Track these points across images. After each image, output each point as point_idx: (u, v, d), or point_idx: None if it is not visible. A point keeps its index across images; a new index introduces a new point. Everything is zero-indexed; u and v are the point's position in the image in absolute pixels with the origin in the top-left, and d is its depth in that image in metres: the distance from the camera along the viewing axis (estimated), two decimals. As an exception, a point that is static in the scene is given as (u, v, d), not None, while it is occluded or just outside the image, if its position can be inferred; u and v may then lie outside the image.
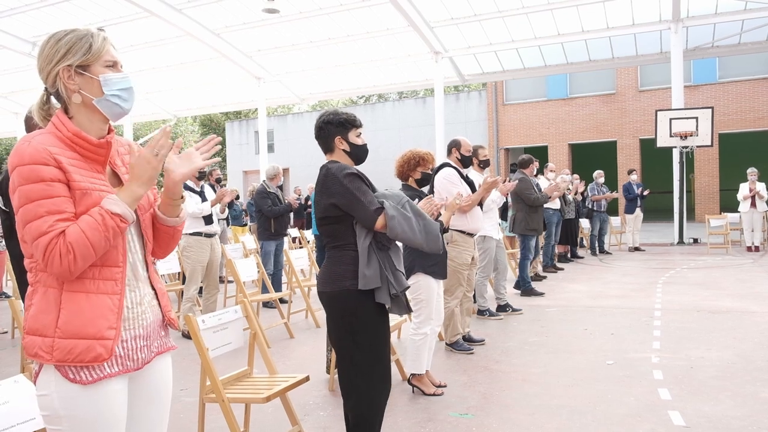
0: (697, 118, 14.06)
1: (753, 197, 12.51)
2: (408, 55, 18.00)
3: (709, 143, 14.28)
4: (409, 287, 2.88)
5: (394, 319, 5.09)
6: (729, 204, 18.02)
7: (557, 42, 16.54)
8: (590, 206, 12.86)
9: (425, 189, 4.62)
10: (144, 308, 1.81)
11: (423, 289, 4.32)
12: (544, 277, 9.50)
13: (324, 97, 23.18)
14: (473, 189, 5.28)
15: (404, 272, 2.88)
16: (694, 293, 7.87)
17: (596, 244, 12.96)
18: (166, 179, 1.81)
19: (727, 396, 3.98)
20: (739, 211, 12.97)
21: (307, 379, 3.31)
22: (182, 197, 1.88)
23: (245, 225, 13.15)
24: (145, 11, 14.86)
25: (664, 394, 4.04)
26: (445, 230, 4.60)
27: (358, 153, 2.96)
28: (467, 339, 5.53)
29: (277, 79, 19.56)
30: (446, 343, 5.40)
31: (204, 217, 6.27)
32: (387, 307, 2.75)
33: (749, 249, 12.52)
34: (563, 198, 10.82)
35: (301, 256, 7.58)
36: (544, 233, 9.90)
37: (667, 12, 14.63)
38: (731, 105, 21.31)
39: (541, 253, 9.98)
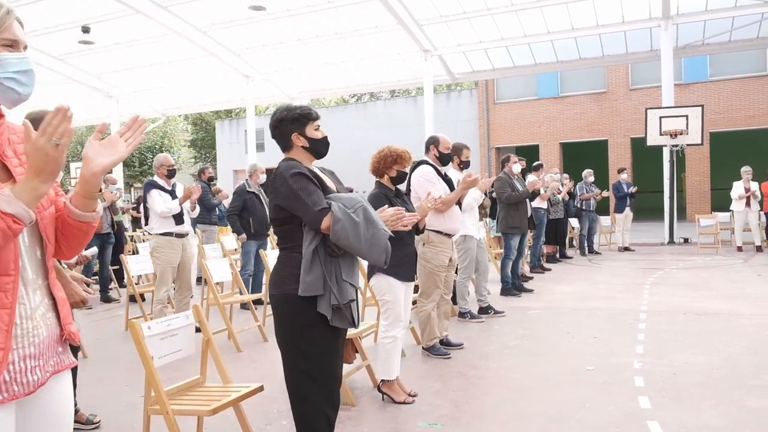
0: (687, 116, 13.92)
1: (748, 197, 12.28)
2: (397, 54, 17.81)
3: (700, 142, 14.13)
4: (354, 300, 2.68)
5: (369, 322, 4.90)
6: (720, 203, 17.89)
7: (547, 39, 16.37)
8: (579, 205, 12.69)
9: (402, 187, 4.42)
10: (36, 322, 1.55)
11: (386, 289, 4.13)
12: (531, 278, 9.31)
13: (313, 95, 22.90)
14: (452, 187, 5.10)
15: (355, 284, 2.68)
16: (681, 294, 7.70)
17: (585, 244, 12.80)
18: (84, 169, 1.53)
19: (710, 405, 3.79)
20: (731, 210, 12.80)
21: (260, 389, 3.11)
22: (100, 190, 1.62)
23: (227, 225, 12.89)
24: (130, 9, 14.60)
25: (644, 403, 3.85)
26: (420, 231, 4.43)
27: (318, 147, 2.79)
28: (445, 343, 5.34)
29: (266, 77, 19.33)
30: (423, 348, 5.21)
31: (174, 217, 6.05)
32: (328, 318, 2.55)
33: (739, 249, 12.36)
34: (550, 197, 10.64)
35: (279, 256, 7.38)
36: (533, 232, 9.74)
37: (657, 9, 14.48)
38: (722, 103, 21.17)
39: (528, 252, 9.81)
